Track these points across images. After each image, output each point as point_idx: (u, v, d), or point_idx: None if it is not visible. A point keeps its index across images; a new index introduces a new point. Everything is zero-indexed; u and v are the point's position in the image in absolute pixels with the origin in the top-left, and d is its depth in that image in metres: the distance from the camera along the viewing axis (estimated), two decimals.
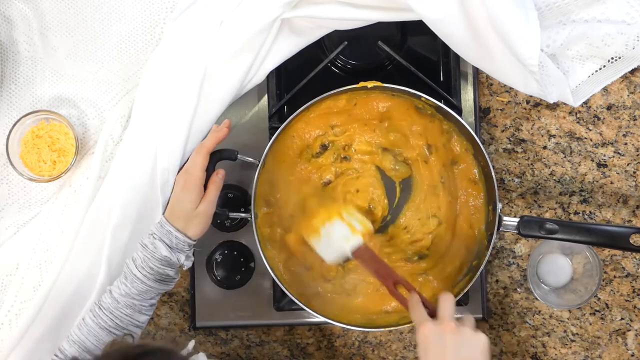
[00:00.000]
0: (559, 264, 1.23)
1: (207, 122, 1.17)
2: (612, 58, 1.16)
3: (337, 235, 1.10)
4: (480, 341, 0.95)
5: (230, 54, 1.15)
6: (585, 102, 1.22)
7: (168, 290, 1.08)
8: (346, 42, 1.19)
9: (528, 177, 1.24)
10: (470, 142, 1.15)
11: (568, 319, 1.25)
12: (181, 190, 1.07)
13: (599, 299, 1.24)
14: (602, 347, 1.24)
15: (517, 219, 1.08)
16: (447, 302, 0.98)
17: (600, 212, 1.24)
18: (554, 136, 1.24)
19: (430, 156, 1.18)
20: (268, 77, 1.21)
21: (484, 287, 1.23)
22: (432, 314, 0.99)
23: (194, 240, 1.07)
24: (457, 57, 1.20)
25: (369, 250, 1.08)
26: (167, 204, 1.10)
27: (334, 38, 1.20)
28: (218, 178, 1.09)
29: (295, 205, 1.18)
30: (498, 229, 1.09)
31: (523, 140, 1.24)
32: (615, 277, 1.24)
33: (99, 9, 1.22)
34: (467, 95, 1.23)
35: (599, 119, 1.23)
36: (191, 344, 1.07)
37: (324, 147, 1.19)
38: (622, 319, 1.24)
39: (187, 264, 1.07)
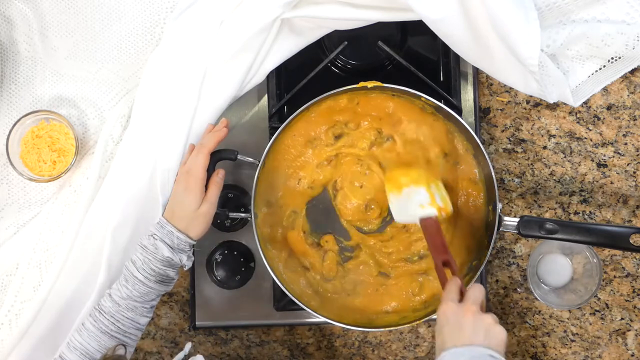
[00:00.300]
0: (559, 264, 1.23)
1: (206, 122, 1.17)
2: (612, 58, 1.16)
3: (416, 200, 1.09)
4: (499, 333, 0.93)
5: (230, 54, 1.15)
6: (585, 102, 1.22)
7: (167, 291, 1.08)
8: (346, 42, 1.19)
9: (528, 177, 1.24)
10: (470, 142, 1.15)
11: (568, 319, 1.25)
12: (184, 190, 1.06)
13: (599, 299, 1.24)
14: (602, 347, 1.24)
15: (517, 219, 1.08)
16: (476, 290, 0.97)
17: (600, 212, 1.24)
18: (554, 136, 1.24)
19: (446, 164, 1.18)
20: (268, 77, 1.21)
21: (484, 287, 1.23)
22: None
23: (195, 241, 1.07)
24: (457, 57, 1.20)
25: (437, 223, 1.07)
26: (166, 204, 1.10)
27: (334, 38, 1.20)
28: (219, 178, 1.09)
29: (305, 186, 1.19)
30: (498, 229, 1.09)
31: (523, 140, 1.24)
32: (615, 277, 1.24)
33: (99, 9, 1.22)
34: (467, 95, 1.23)
35: (599, 119, 1.23)
36: (188, 346, 1.07)
37: (338, 137, 1.19)
38: (622, 319, 1.24)
39: (188, 264, 1.07)
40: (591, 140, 1.23)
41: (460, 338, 0.92)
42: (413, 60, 1.19)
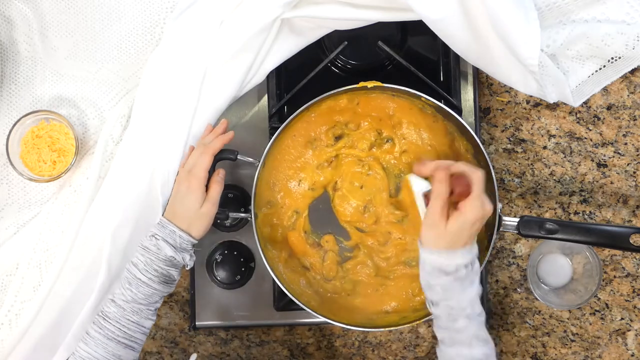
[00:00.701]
0: (559, 264, 1.23)
1: (206, 122, 1.17)
2: (612, 58, 1.16)
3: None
4: None
5: (230, 54, 1.15)
6: (585, 102, 1.22)
7: (170, 292, 1.07)
8: (346, 42, 1.19)
9: (528, 177, 1.24)
10: (470, 142, 1.15)
11: (568, 319, 1.25)
12: (186, 190, 1.06)
13: (599, 299, 1.24)
14: (602, 347, 1.24)
15: (517, 219, 1.08)
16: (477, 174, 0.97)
17: (600, 212, 1.24)
18: (554, 136, 1.24)
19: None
20: (268, 77, 1.21)
21: (484, 287, 1.23)
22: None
23: (197, 240, 1.07)
24: (457, 57, 1.19)
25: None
26: (167, 204, 1.10)
27: (334, 38, 1.20)
28: (219, 177, 1.09)
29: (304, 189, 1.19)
30: (498, 229, 1.09)
31: (523, 140, 1.24)
32: (615, 277, 1.24)
33: (99, 9, 1.22)
34: (467, 95, 1.23)
35: (599, 119, 1.23)
36: (193, 357, 1.07)
37: (338, 138, 1.19)
38: (622, 319, 1.24)
39: (190, 264, 1.07)
40: (591, 140, 1.23)
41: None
42: (413, 60, 1.19)
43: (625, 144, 1.23)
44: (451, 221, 0.96)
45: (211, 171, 1.09)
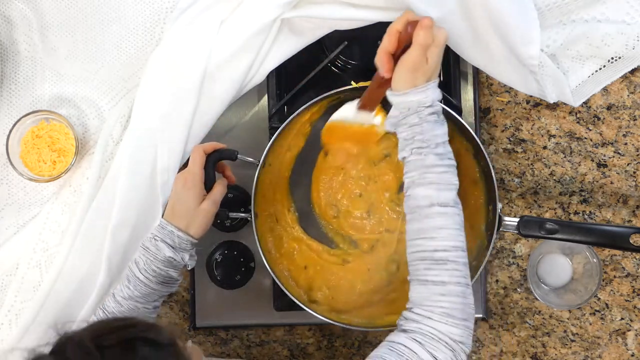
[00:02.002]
0: (559, 264, 1.23)
1: (207, 122, 1.17)
2: (612, 58, 1.16)
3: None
4: None
5: (230, 54, 1.15)
6: (585, 102, 1.22)
7: (172, 292, 1.07)
8: (346, 42, 1.19)
9: (528, 177, 1.25)
10: (470, 142, 1.15)
11: (568, 319, 1.25)
12: (182, 187, 1.06)
13: (599, 299, 1.24)
14: (602, 347, 1.24)
15: (517, 219, 1.08)
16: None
17: (600, 212, 1.24)
18: (554, 136, 1.24)
19: None
20: (268, 77, 1.21)
21: (484, 287, 1.23)
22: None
23: (197, 239, 1.06)
24: (457, 57, 1.19)
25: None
26: (166, 205, 1.10)
27: (334, 38, 1.20)
28: (225, 181, 1.09)
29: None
30: (498, 229, 1.09)
31: (523, 140, 1.24)
32: (615, 277, 1.24)
33: (99, 9, 1.22)
34: (467, 95, 1.23)
35: (599, 119, 1.23)
36: (188, 344, 1.06)
37: None
38: (622, 319, 1.24)
39: (191, 264, 1.07)
40: (591, 140, 1.23)
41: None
42: None
43: (625, 144, 1.23)
44: (430, 56, 0.94)
45: (212, 171, 1.09)
